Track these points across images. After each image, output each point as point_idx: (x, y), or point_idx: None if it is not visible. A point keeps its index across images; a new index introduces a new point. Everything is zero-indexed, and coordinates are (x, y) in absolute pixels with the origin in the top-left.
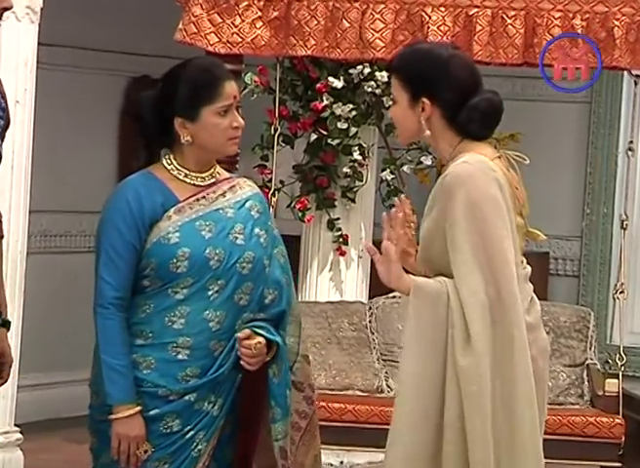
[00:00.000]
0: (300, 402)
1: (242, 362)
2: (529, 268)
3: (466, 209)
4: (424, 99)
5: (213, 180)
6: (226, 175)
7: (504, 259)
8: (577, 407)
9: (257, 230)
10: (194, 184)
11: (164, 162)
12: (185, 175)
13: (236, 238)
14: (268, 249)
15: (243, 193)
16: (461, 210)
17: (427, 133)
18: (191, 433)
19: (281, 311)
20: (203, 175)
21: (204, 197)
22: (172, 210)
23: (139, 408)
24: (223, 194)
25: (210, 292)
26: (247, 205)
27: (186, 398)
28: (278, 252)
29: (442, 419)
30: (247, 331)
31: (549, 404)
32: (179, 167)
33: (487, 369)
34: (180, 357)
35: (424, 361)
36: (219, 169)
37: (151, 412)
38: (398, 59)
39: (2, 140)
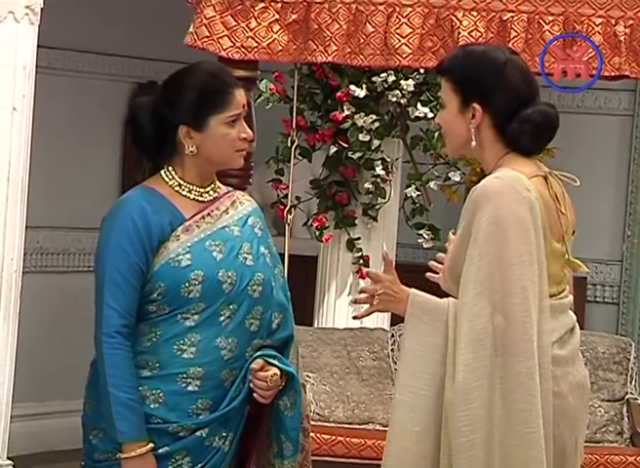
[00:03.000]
0: None
1: (256, 395)
2: (570, 298)
3: (488, 227)
4: (475, 105)
5: (215, 195)
6: (225, 188)
7: (520, 287)
8: (615, 445)
9: (262, 249)
10: (197, 200)
11: (163, 175)
12: (189, 191)
13: (245, 258)
14: (272, 268)
15: (244, 209)
16: (483, 227)
17: (473, 143)
18: None
19: (288, 336)
20: (205, 189)
21: (209, 214)
22: (179, 229)
23: (151, 445)
24: (226, 211)
25: (222, 318)
26: (249, 222)
27: (198, 434)
28: (278, 271)
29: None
30: (260, 362)
31: (585, 441)
32: (181, 181)
33: (479, 404)
34: (190, 388)
35: (417, 393)
36: (218, 182)
37: (160, 451)
38: (450, 61)
39: None
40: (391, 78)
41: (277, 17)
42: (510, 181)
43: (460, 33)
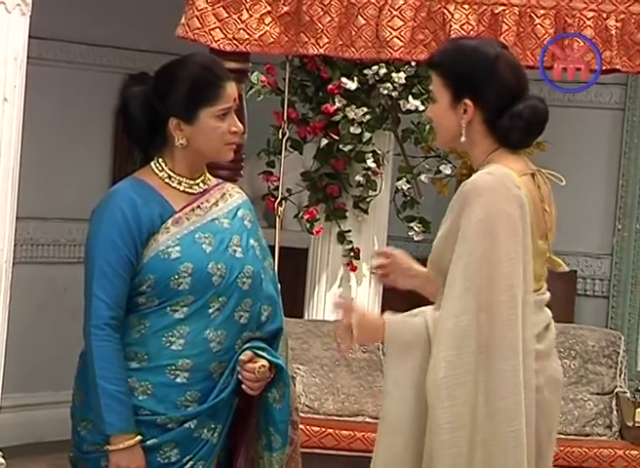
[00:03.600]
0: None
1: (244, 386)
2: (548, 294)
3: (478, 223)
4: (467, 101)
5: (205, 188)
6: (215, 180)
7: (507, 285)
8: (604, 438)
9: (251, 241)
10: (187, 192)
11: (153, 167)
12: (179, 183)
13: (235, 251)
14: (262, 261)
15: (233, 201)
16: (473, 224)
17: (463, 139)
18: (191, 463)
19: (277, 328)
20: (195, 181)
21: (199, 206)
22: (169, 221)
23: (139, 437)
24: (216, 203)
25: (211, 311)
26: (239, 214)
27: (186, 425)
28: (268, 264)
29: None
30: (249, 354)
31: (574, 434)
32: (171, 173)
33: (462, 402)
34: (178, 380)
35: (402, 419)
36: (208, 175)
37: (148, 442)
38: (441, 55)
39: None
40: (383, 71)
41: (269, 9)
42: (502, 178)
43: (451, 26)
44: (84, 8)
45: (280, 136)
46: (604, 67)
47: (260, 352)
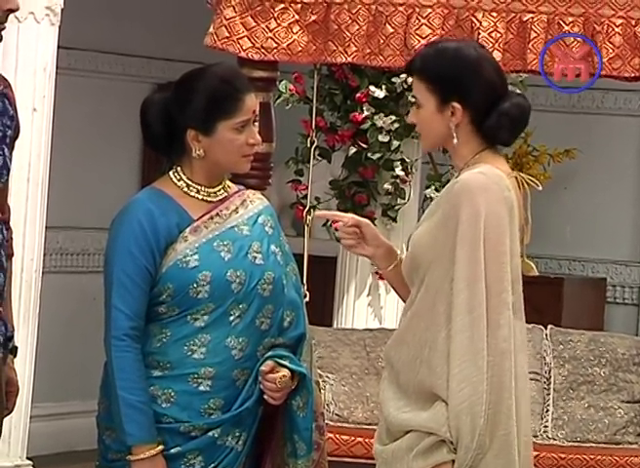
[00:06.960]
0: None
1: (266, 396)
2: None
3: (472, 225)
4: (455, 104)
5: (225, 195)
6: (235, 187)
7: (497, 289)
8: (635, 446)
9: (272, 247)
10: (206, 200)
11: (172, 176)
12: (197, 192)
13: (255, 258)
14: (284, 267)
15: (254, 207)
16: (467, 226)
17: (455, 141)
18: None
19: (300, 334)
20: (214, 190)
21: (218, 214)
22: (187, 230)
23: (160, 447)
24: (236, 210)
25: (231, 318)
26: (260, 220)
27: (210, 434)
28: (291, 269)
29: None
30: (270, 364)
31: (605, 442)
32: (189, 182)
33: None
34: (201, 388)
35: None
36: (228, 182)
37: (172, 451)
38: (422, 60)
39: (10, 151)
40: (411, 79)
41: (297, 17)
42: (495, 179)
43: (479, 34)
44: (113, 18)
45: (308, 145)
46: (633, 74)
47: (281, 361)
